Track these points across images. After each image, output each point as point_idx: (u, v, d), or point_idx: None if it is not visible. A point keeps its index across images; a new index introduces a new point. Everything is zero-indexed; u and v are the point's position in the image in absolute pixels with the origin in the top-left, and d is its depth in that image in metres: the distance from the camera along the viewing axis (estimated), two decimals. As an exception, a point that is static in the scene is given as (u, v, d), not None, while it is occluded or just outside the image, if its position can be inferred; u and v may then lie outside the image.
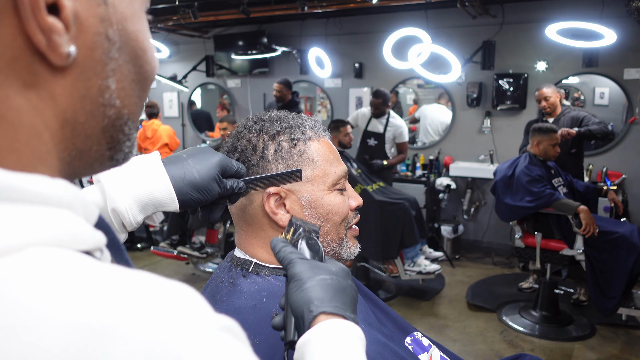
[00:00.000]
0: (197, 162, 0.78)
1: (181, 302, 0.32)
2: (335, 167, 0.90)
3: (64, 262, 0.31)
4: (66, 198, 0.34)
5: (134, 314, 0.29)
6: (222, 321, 0.34)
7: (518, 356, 1.17)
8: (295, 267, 0.65)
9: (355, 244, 0.95)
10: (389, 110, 4.47)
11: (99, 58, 0.37)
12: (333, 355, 0.55)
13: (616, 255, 3.04)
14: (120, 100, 0.39)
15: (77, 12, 0.35)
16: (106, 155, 0.41)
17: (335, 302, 0.61)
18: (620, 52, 4.25)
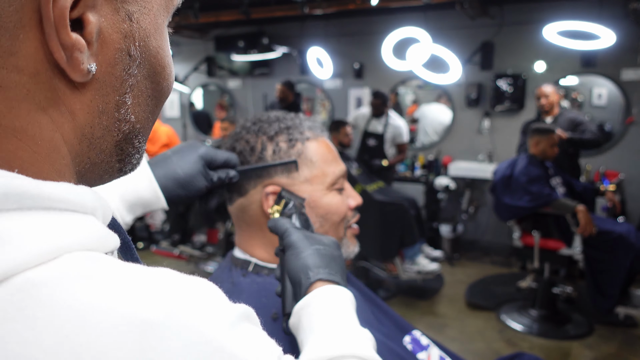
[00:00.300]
0: (180, 157, 0.79)
1: (208, 296, 0.34)
2: (333, 167, 0.90)
3: (101, 264, 0.32)
4: (90, 204, 0.35)
5: (176, 309, 0.31)
6: (241, 309, 0.36)
7: (516, 355, 1.17)
8: (292, 236, 0.70)
9: (354, 243, 0.96)
10: (388, 110, 4.49)
11: (119, 74, 0.37)
12: (329, 316, 0.60)
13: (614, 254, 3.06)
14: (135, 116, 0.39)
15: (101, 28, 0.34)
16: (115, 167, 0.41)
17: (329, 270, 0.66)
18: (618, 52, 4.27)
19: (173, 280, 0.34)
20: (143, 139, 0.42)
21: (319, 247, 0.69)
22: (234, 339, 0.32)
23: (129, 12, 0.36)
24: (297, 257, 0.67)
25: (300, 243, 0.69)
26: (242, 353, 0.32)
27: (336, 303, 0.62)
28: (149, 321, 0.29)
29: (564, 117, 3.83)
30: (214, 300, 0.34)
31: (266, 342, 0.36)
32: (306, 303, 0.63)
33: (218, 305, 0.34)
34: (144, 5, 0.37)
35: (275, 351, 0.36)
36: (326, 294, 0.63)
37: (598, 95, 5.12)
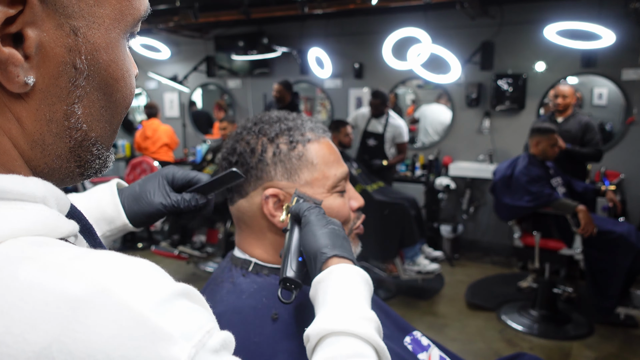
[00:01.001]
0: (144, 179, 0.81)
1: (143, 274, 0.37)
2: (335, 169, 0.89)
3: (43, 247, 0.36)
4: (40, 193, 0.39)
5: (106, 287, 0.34)
6: (178, 287, 0.38)
7: (517, 355, 1.17)
8: (312, 216, 0.75)
9: (357, 243, 0.95)
10: (388, 110, 4.49)
11: (64, 85, 0.39)
12: (340, 293, 0.64)
13: (614, 254, 3.05)
14: (87, 125, 0.42)
15: (42, 42, 0.37)
16: (76, 172, 0.44)
17: (343, 248, 0.70)
18: (618, 52, 4.26)
19: (110, 261, 0.37)
20: (103, 147, 0.45)
21: (334, 227, 0.73)
22: (161, 314, 0.35)
23: (74, 27, 0.38)
24: (314, 234, 0.72)
25: (318, 222, 0.73)
26: (168, 327, 0.34)
27: (350, 281, 0.66)
28: (78, 298, 0.33)
29: (576, 120, 3.81)
30: (147, 278, 0.37)
31: (199, 317, 0.38)
32: (323, 277, 0.67)
33: (150, 283, 0.37)
34: (93, 21, 0.39)
35: (205, 326, 0.38)
36: (342, 272, 0.67)
37: (598, 95, 5.11)
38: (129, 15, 0.42)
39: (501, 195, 3.39)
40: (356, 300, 0.63)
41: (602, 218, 3.42)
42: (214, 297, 0.87)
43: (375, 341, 0.60)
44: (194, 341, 0.36)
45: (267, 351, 0.75)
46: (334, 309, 0.62)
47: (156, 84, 6.95)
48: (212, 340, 0.38)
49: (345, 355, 0.58)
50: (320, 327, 0.61)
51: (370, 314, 0.63)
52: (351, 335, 0.59)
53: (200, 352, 0.36)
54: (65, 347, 0.31)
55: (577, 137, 3.77)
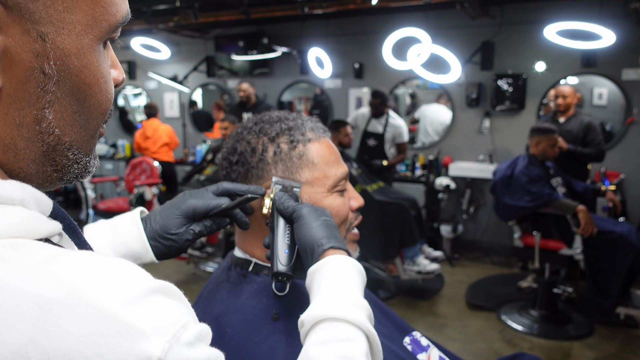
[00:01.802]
0: (164, 215, 0.80)
1: (115, 273, 0.38)
2: (335, 169, 0.89)
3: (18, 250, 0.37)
4: (17, 196, 0.39)
5: (76, 287, 0.35)
6: (153, 284, 0.39)
7: (517, 355, 1.17)
8: (303, 210, 0.76)
9: (354, 248, 0.95)
10: (388, 110, 4.49)
11: (33, 90, 0.39)
12: (334, 281, 0.67)
13: (614, 254, 3.05)
14: (60, 130, 0.42)
15: (7, 47, 0.37)
16: (54, 177, 0.44)
17: (337, 239, 0.73)
18: (618, 52, 4.26)
19: (84, 262, 0.38)
20: (80, 152, 0.45)
21: (326, 219, 0.75)
22: (133, 311, 0.36)
23: (41, 33, 0.38)
24: (308, 228, 0.73)
25: (311, 215, 0.75)
26: (140, 323, 0.35)
27: (343, 270, 0.68)
28: (49, 299, 0.33)
29: (578, 120, 3.81)
30: (119, 277, 0.38)
31: (173, 312, 0.39)
32: (318, 267, 0.69)
33: (122, 282, 0.37)
34: (62, 26, 0.39)
35: (179, 320, 0.38)
36: (336, 262, 0.69)
37: (598, 95, 5.11)
38: (103, 21, 0.42)
39: (501, 196, 3.39)
40: (349, 289, 0.66)
41: (602, 218, 3.42)
42: (214, 297, 0.86)
43: (366, 327, 0.62)
44: (168, 336, 0.36)
45: (267, 351, 0.75)
46: (328, 296, 0.65)
47: (156, 84, 6.95)
48: (187, 333, 0.38)
49: (337, 340, 0.60)
50: (315, 313, 0.63)
51: (363, 302, 0.65)
52: (343, 321, 0.62)
53: (174, 346, 0.36)
54: (40, 347, 0.32)
55: (578, 138, 3.76)
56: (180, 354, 0.37)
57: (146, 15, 4.94)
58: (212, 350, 0.41)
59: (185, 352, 0.37)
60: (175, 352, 0.36)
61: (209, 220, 0.81)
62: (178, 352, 0.36)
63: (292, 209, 0.77)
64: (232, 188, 0.83)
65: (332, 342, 0.60)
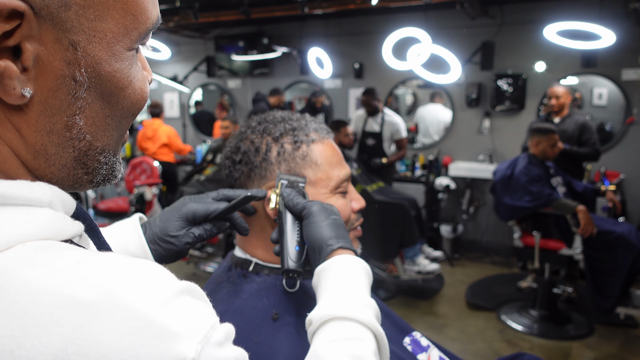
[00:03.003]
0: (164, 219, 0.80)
1: (145, 275, 0.39)
2: (338, 170, 0.89)
3: (50, 252, 0.37)
4: (46, 198, 0.40)
5: (111, 290, 0.36)
6: (182, 285, 0.40)
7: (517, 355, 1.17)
8: (313, 208, 0.76)
9: (356, 245, 0.95)
10: (382, 106, 4.48)
11: (64, 97, 0.39)
12: (342, 281, 0.67)
13: (614, 254, 3.05)
14: (91, 135, 0.42)
15: (40, 55, 0.37)
16: (84, 179, 0.45)
17: (345, 239, 0.73)
18: (618, 52, 4.27)
19: (113, 264, 0.38)
20: (110, 154, 0.45)
21: (335, 218, 0.76)
22: (166, 313, 0.37)
23: (73, 41, 0.38)
24: (318, 226, 0.74)
25: (321, 214, 0.75)
26: (173, 325, 0.36)
27: (351, 270, 0.69)
28: (87, 301, 0.34)
29: (573, 120, 3.81)
30: (149, 279, 0.38)
31: (202, 314, 0.40)
32: (326, 267, 0.70)
33: (154, 284, 0.38)
34: (94, 35, 0.39)
35: (209, 321, 0.39)
36: (344, 261, 0.70)
37: (598, 95, 5.11)
38: (133, 29, 0.42)
39: (501, 195, 3.39)
40: (357, 288, 0.67)
41: (602, 218, 3.42)
42: (214, 297, 0.86)
43: (374, 326, 0.63)
44: (200, 337, 0.37)
45: (267, 351, 0.75)
46: (337, 295, 0.66)
47: (156, 84, 6.95)
48: (217, 334, 0.39)
49: (346, 339, 0.61)
50: (323, 312, 0.64)
51: (371, 302, 0.66)
52: (352, 320, 0.63)
53: (205, 347, 0.38)
54: (80, 349, 0.33)
55: (573, 137, 3.77)
56: (212, 355, 0.38)
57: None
58: (239, 350, 0.42)
59: (216, 353, 0.38)
60: (207, 352, 0.37)
61: (208, 224, 0.81)
62: (209, 353, 0.38)
63: (302, 206, 0.78)
64: (232, 194, 0.83)
65: (341, 341, 0.61)
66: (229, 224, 0.83)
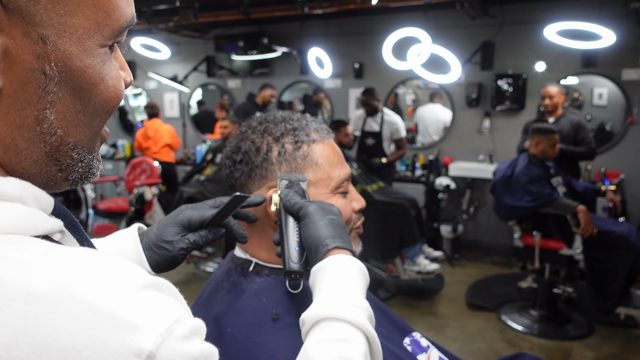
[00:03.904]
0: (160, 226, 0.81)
1: (108, 269, 0.38)
2: (339, 170, 0.89)
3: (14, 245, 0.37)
4: (15, 193, 0.40)
5: (66, 282, 0.35)
6: (148, 280, 0.40)
7: (517, 355, 1.17)
8: (310, 208, 0.76)
9: (358, 242, 0.95)
10: (381, 106, 4.47)
11: (34, 91, 0.40)
12: (336, 281, 0.67)
13: (615, 254, 3.05)
14: (63, 130, 0.42)
15: (8, 48, 0.38)
16: (59, 177, 0.44)
17: (342, 239, 0.73)
18: (618, 52, 4.26)
19: (77, 258, 0.38)
20: (84, 150, 0.45)
21: (332, 217, 0.75)
22: (126, 306, 0.36)
23: (42, 35, 0.39)
24: (314, 226, 0.74)
25: (317, 214, 0.75)
26: (133, 318, 0.36)
27: (345, 270, 0.68)
28: (40, 293, 0.34)
29: (567, 119, 3.81)
30: (112, 273, 0.38)
31: (167, 307, 0.39)
32: (321, 267, 0.70)
33: (116, 278, 0.38)
34: (64, 30, 0.40)
35: (174, 315, 0.39)
36: (339, 261, 0.69)
37: (599, 95, 5.11)
38: (106, 26, 0.43)
39: (501, 196, 3.38)
40: (351, 289, 0.66)
41: (602, 218, 3.42)
42: (214, 297, 0.86)
43: (366, 328, 0.62)
44: (161, 330, 0.37)
45: (267, 351, 0.75)
46: (329, 296, 0.65)
47: (156, 84, 6.95)
48: (181, 327, 0.39)
49: (335, 339, 0.61)
50: (315, 312, 0.64)
51: (363, 303, 0.65)
52: (343, 321, 0.62)
53: (167, 339, 0.37)
54: (32, 340, 0.33)
55: (569, 137, 3.77)
56: (174, 348, 0.37)
57: (146, 15, 4.94)
58: (206, 345, 0.41)
59: (179, 346, 0.38)
60: (168, 345, 0.37)
61: (204, 230, 0.81)
62: (171, 346, 0.37)
63: (299, 207, 0.77)
64: None
65: (331, 342, 0.61)
66: (224, 230, 0.82)
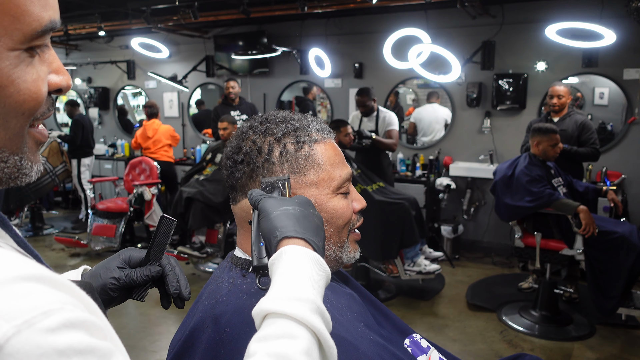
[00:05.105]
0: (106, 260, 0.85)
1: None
2: (340, 170, 0.89)
3: None
4: None
5: None
6: (32, 272, 0.40)
7: (518, 356, 1.17)
8: (263, 203, 0.75)
9: (356, 248, 0.95)
10: (377, 106, 4.45)
11: None
12: (284, 274, 0.64)
13: (616, 255, 3.04)
14: None
15: None
16: None
17: (296, 227, 0.70)
18: (619, 52, 4.26)
19: None
20: (3, 151, 0.47)
21: (287, 208, 0.73)
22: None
23: None
24: (266, 219, 0.72)
25: (270, 207, 0.73)
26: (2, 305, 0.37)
27: (295, 262, 0.65)
28: None
29: (572, 119, 3.80)
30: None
31: (38, 299, 0.39)
32: (274, 260, 0.68)
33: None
34: None
35: (42, 307, 0.38)
36: (290, 253, 0.67)
37: (600, 94, 5.10)
38: (15, 30, 0.43)
39: (502, 196, 3.37)
40: (295, 281, 0.63)
41: (603, 218, 3.40)
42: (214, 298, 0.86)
43: (310, 323, 0.58)
44: (18, 321, 0.37)
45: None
46: (274, 289, 0.63)
47: (155, 84, 6.94)
48: (49, 320, 0.38)
49: (275, 336, 0.58)
50: (259, 307, 0.62)
51: (306, 295, 0.61)
52: (282, 316, 0.59)
53: (25, 331, 0.37)
54: None
55: (573, 137, 3.76)
56: (32, 340, 0.37)
57: (145, 14, 4.93)
58: (82, 339, 0.40)
59: (40, 338, 0.37)
60: (24, 337, 0.37)
61: (140, 267, 0.84)
62: (28, 338, 0.37)
63: (257, 201, 0.76)
64: None
65: (270, 339, 0.58)
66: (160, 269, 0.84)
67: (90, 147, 5.98)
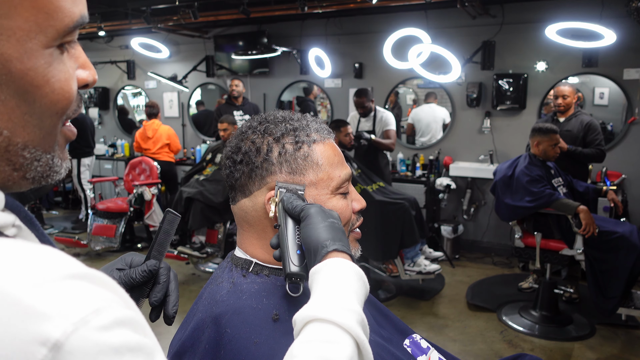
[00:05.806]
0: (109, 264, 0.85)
1: (33, 258, 0.39)
2: (339, 170, 0.89)
3: None
4: None
5: None
6: (75, 270, 0.40)
7: (518, 356, 1.17)
8: (311, 210, 0.76)
9: (356, 247, 0.95)
10: (374, 106, 4.45)
11: None
12: (330, 284, 0.67)
13: (616, 255, 3.04)
14: (9, 130, 0.43)
15: None
16: (15, 176, 0.46)
17: (342, 242, 0.73)
18: (619, 52, 4.25)
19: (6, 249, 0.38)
20: (38, 150, 0.46)
21: (333, 221, 0.75)
22: (39, 295, 0.36)
23: None
24: (315, 227, 0.74)
25: (318, 216, 0.75)
26: (43, 306, 0.36)
27: (341, 274, 0.68)
28: None
29: (578, 119, 3.79)
30: (34, 262, 0.38)
31: (88, 297, 0.39)
32: (319, 269, 0.70)
33: (35, 267, 0.38)
34: (1, 32, 0.40)
35: (94, 305, 0.38)
36: (336, 264, 0.69)
37: (600, 94, 5.10)
38: (48, 27, 0.43)
39: (502, 196, 3.37)
40: (344, 293, 0.66)
41: (603, 218, 3.40)
42: (214, 298, 0.86)
43: (354, 332, 0.61)
44: (75, 319, 0.37)
45: (267, 352, 0.75)
46: (321, 297, 0.65)
47: (155, 84, 6.94)
48: (101, 317, 0.38)
49: (321, 340, 0.60)
50: (306, 313, 0.64)
51: (355, 307, 0.65)
52: (331, 322, 0.62)
53: (81, 329, 0.37)
54: None
55: (578, 137, 3.75)
56: (88, 338, 0.37)
57: (145, 14, 4.93)
58: (133, 337, 0.40)
59: (95, 336, 0.37)
60: (81, 335, 0.36)
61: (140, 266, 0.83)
62: (85, 336, 0.37)
63: (300, 208, 0.78)
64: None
65: (316, 342, 0.60)
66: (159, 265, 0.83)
67: (91, 147, 5.97)
